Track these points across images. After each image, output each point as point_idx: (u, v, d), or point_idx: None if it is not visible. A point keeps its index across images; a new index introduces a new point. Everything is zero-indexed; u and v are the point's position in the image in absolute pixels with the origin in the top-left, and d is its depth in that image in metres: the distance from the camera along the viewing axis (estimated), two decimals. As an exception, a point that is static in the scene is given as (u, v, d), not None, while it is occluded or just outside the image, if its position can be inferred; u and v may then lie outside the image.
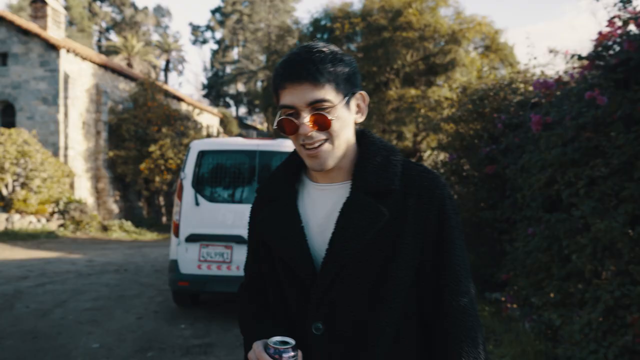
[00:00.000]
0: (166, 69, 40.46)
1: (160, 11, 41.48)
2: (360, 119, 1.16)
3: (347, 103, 1.11)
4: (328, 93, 1.07)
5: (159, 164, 16.06)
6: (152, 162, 16.03)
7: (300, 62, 1.07)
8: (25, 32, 15.02)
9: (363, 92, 1.15)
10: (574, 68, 4.36)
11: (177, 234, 5.19)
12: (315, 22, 18.12)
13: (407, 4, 16.37)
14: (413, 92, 16.41)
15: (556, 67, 7.60)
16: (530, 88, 5.61)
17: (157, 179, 16.25)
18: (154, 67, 34.26)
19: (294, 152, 1.23)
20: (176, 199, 5.34)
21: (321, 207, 1.16)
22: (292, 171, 1.24)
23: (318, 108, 1.07)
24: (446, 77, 15.88)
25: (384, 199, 1.09)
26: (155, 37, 40.82)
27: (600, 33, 3.84)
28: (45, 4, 16.25)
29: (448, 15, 17.02)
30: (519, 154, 4.84)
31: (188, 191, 5.22)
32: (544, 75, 5.50)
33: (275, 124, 1.12)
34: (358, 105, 1.15)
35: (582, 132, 3.70)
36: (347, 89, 1.10)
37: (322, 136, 1.08)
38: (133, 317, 5.32)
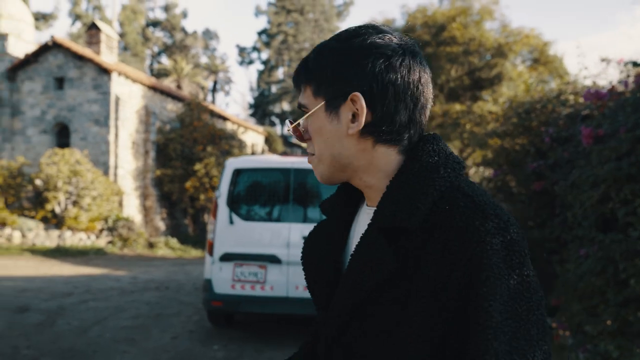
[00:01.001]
0: (214, 90, 41.58)
1: (208, 34, 42.81)
2: (355, 129, 0.85)
3: (332, 110, 0.86)
4: (306, 97, 0.89)
5: (204, 182, 16.35)
6: (197, 180, 16.34)
7: (298, 66, 0.93)
8: (80, 58, 15.76)
9: (358, 94, 0.83)
10: (627, 77, 4.05)
11: (211, 253, 5.15)
12: (358, 40, 18.13)
13: (451, 18, 16.13)
14: (458, 107, 16.05)
15: (609, 77, 7.18)
16: (581, 99, 5.28)
17: (202, 197, 16.53)
18: (202, 88, 35.24)
19: None
20: (211, 217, 5.31)
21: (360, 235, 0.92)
22: (354, 189, 1.00)
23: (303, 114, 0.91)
24: (492, 92, 15.45)
25: (402, 240, 0.80)
26: (203, 59, 42.12)
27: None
28: (99, 30, 17.04)
29: (494, 29, 16.65)
30: (568, 169, 4.53)
31: (222, 210, 5.19)
32: (595, 86, 5.17)
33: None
34: (355, 112, 0.85)
35: (639, 145, 3.39)
36: (331, 91, 0.85)
37: (310, 148, 0.92)
38: (169, 336, 5.29)
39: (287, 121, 0.94)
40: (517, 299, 0.73)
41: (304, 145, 0.95)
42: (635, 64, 3.69)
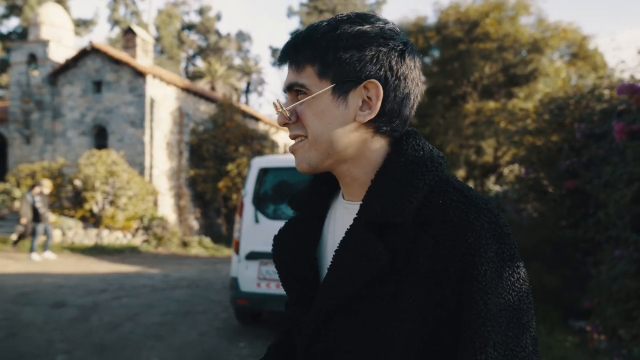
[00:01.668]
0: (247, 91, 42.07)
1: (241, 36, 43.34)
2: (366, 117, 0.83)
3: (340, 94, 0.82)
4: (306, 77, 0.83)
5: (236, 182, 16.55)
6: (230, 180, 16.56)
7: (290, 41, 0.86)
8: (117, 62, 16.20)
9: (375, 82, 0.82)
10: (665, 69, 3.86)
11: (237, 251, 5.20)
12: (389, 38, 17.94)
13: (485, 14, 15.80)
14: (492, 104, 15.70)
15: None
16: (616, 94, 5.06)
17: (235, 196, 16.73)
18: (236, 89, 35.69)
19: None
20: (237, 216, 5.36)
21: (342, 229, 0.88)
22: (328, 183, 0.98)
23: (297, 95, 0.86)
24: (528, 88, 15.03)
25: (389, 234, 0.79)
26: (237, 61, 42.66)
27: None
28: (135, 35, 17.48)
29: (529, 24, 16.20)
30: (602, 167, 4.36)
31: (248, 208, 5.22)
32: (633, 80, 4.95)
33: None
34: (365, 100, 0.83)
35: (676, 140, 3.23)
36: (342, 74, 0.82)
37: (299, 131, 0.86)
38: (196, 333, 5.36)
39: (275, 101, 0.86)
40: (510, 290, 0.75)
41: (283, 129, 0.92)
42: (672, 56, 3.50)
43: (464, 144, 16.64)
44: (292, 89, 0.85)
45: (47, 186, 11.00)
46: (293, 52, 0.85)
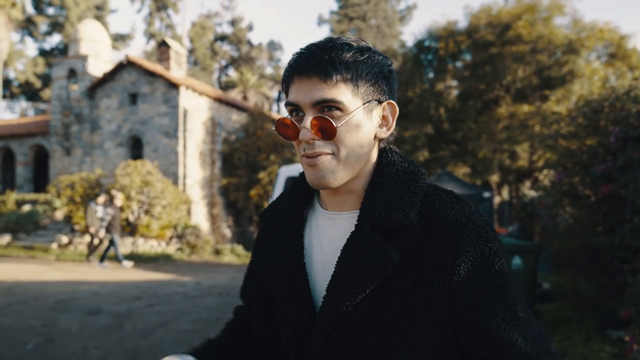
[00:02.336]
0: (278, 99, 42.52)
1: (273, 46, 43.88)
2: (385, 133, 0.93)
3: (368, 112, 0.89)
4: (342, 94, 0.85)
5: (267, 190, 16.70)
6: (261, 188, 16.72)
7: (314, 51, 0.87)
8: (151, 74, 16.65)
9: (393, 103, 0.93)
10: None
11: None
12: (419, 44, 17.86)
13: (517, 16, 15.52)
14: (526, 108, 15.38)
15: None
16: (654, 95, 4.88)
17: (266, 204, 16.87)
18: (267, 98, 36.09)
19: None
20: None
21: (328, 241, 0.94)
22: (303, 193, 1.02)
23: (326, 111, 0.86)
24: (564, 90, 14.64)
25: (395, 236, 0.86)
26: (268, 70, 43.19)
27: None
28: (169, 47, 17.94)
29: (564, 25, 15.82)
30: (638, 170, 4.19)
31: (275, 216, 5.26)
32: (671, 80, 4.76)
33: (273, 125, 0.93)
34: (384, 117, 0.93)
35: None
36: (371, 94, 0.89)
37: (326, 148, 0.87)
38: (225, 340, 5.41)
39: (308, 119, 0.86)
40: (506, 270, 0.86)
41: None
42: None
43: (497, 148, 16.33)
44: (321, 105, 0.86)
45: (120, 198, 11.58)
46: (324, 67, 0.85)
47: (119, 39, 37.52)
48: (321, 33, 57.77)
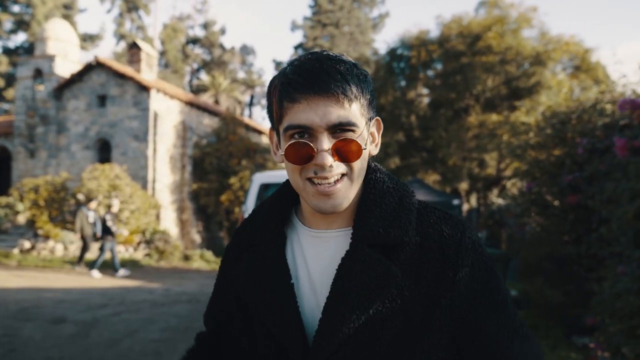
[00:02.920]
0: (250, 104, 42.28)
1: (245, 50, 43.67)
2: (374, 150, 0.92)
3: (368, 130, 0.89)
4: (354, 114, 0.83)
5: (239, 196, 16.54)
6: (232, 193, 16.55)
7: (325, 71, 0.81)
8: (121, 76, 16.33)
9: (379, 119, 0.93)
10: (666, 84, 3.84)
11: (237, 267, 5.17)
12: (392, 52, 18.06)
13: (487, 27, 15.87)
14: (495, 117, 15.73)
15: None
16: (618, 109, 5.04)
17: (237, 210, 16.71)
18: (239, 102, 35.85)
19: (285, 185, 0.99)
20: (237, 232, 5.34)
21: (315, 260, 0.90)
22: (280, 210, 0.97)
23: (338, 132, 0.82)
24: (530, 101, 15.04)
25: (394, 254, 0.84)
26: (241, 74, 42.95)
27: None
28: (140, 49, 17.63)
29: (532, 37, 16.26)
30: (605, 182, 4.32)
31: (248, 224, 5.20)
32: (635, 94, 4.93)
33: (282, 149, 0.85)
34: (372, 134, 0.92)
35: (678, 156, 3.19)
36: (369, 112, 0.89)
37: (341, 169, 0.84)
38: (195, 350, 5.31)
39: (325, 141, 0.82)
40: (502, 286, 0.88)
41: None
42: (673, 71, 3.49)
43: (467, 156, 16.62)
44: (337, 126, 0.82)
45: (116, 204, 11.39)
46: (341, 86, 0.81)
47: (88, 39, 36.68)
48: (295, 38, 57.95)
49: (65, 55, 17.43)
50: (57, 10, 32.72)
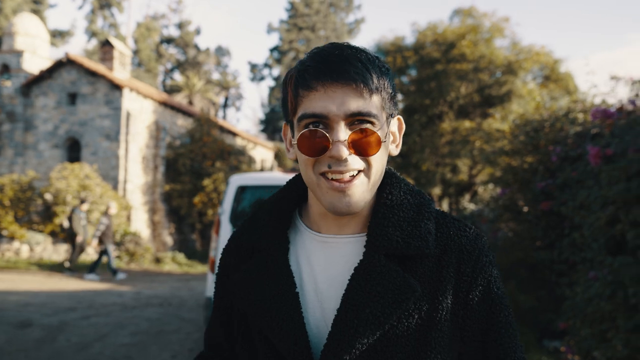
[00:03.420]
0: (225, 106, 41.93)
1: (221, 51, 43.32)
2: (395, 150, 0.88)
3: (388, 127, 0.83)
4: (375, 106, 0.78)
5: (212, 198, 16.36)
6: (205, 195, 16.35)
7: (346, 58, 0.76)
8: (93, 74, 15.96)
9: (401, 118, 0.87)
10: (636, 95, 3.96)
11: (213, 271, 5.09)
12: (368, 57, 18.15)
13: (461, 36, 16.13)
14: (468, 124, 15.97)
15: (618, 96, 7.07)
16: (590, 118, 5.19)
17: (210, 212, 16.52)
18: (214, 103, 35.52)
19: (289, 186, 0.92)
20: (213, 235, 5.26)
21: (322, 268, 0.84)
22: (283, 212, 0.90)
23: (356, 124, 0.77)
24: (502, 109, 15.36)
25: (413, 266, 0.79)
26: (215, 76, 42.58)
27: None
28: (113, 47, 17.28)
29: (504, 46, 16.61)
30: (577, 189, 4.42)
31: (225, 227, 5.13)
32: (605, 104, 5.07)
33: (295, 138, 0.78)
34: (392, 133, 0.86)
35: (648, 165, 3.29)
36: (390, 108, 0.83)
37: (358, 165, 0.78)
38: (167, 354, 5.20)
39: (341, 132, 0.76)
40: (507, 301, 0.86)
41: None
42: (644, 83, 3.60)
43: (440, 162, 16.83)
44: (355, 117, 0.77)
45: (114, 207, 11.20)
46: (362, 75, 0.76)
47: (58, 36, 35.81)
48: (270, 41, 57.74)
49: (34, 51, 16.94)
50: (26, 5, 31.84)
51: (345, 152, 0.75)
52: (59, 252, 13.28)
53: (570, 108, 5.67)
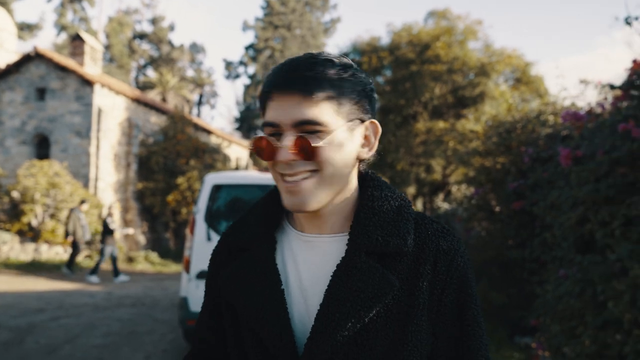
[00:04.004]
0: (199, 103, 41.46)
1: (195, 48, 42.81)
2: (367, 154, 0.90)
3: (351, 131, 0.85)
4: (324, 113, 0.81)
5: (186, 196, 16.16)
6: (179, 194, 16.14)
7: (295, 66, 0.82)
8: (63, 69, 15.57)
9: (375, 122, 0.89)
10: (605, 99, 4.08)
11: (188, 270, 5.03)
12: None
13: (436, 37, 16.33)
14: (442, 124, 16.18)
15: (587, 99, 7.27)
16: (560, 120, 5.32)
17: (184, 210, 16.32)
18: (188, 101, 35.09)
19: (276, 188, 0.97)
20: (188, 234, 5.20)
21: (306, 266, 0.89)
22: (271, 213, 0.95)
23: (307, 130, 0.81)
24: (475, 110, 15.61)
25: (392, 263, 0.84)
26: (189, 73, 42.06)
27: (635, 61, 3.57)
28: (84, 41, 16.89)
29: (477, 49, 16.88)
30: (548, 189, 4.53)
31: (200, 226, 5.08)
32: (574, 107, 5.21)
33: (250, 143, 0.86)
34: (366, 137, 0.89)
35: (617, 167, 3.39)
36: (354, 113, 0.85)
37: (307, 167, 0.82)
38: (141, 355, 5.12)
39: (287, 138, 0.81)
40: (479, 301, 0.91)
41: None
42: (612, 87, 3.71)
43: (414, 161, 17.01)
44: (302, 125, 0.81)
45: (116, 207, 11.16)
46: (306, 84, 0.81)
47: (26, 29, 34.80)
48: (246, 39, 57.37)
49: (1, 44, 16.46)
50: (-7, -3, 30.86)
51: (286, 155, 0.81)
52: (27, 252, 12.92)
53: (542, 110, 5.80)
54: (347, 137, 0.84)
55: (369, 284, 0.81)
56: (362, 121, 0.87)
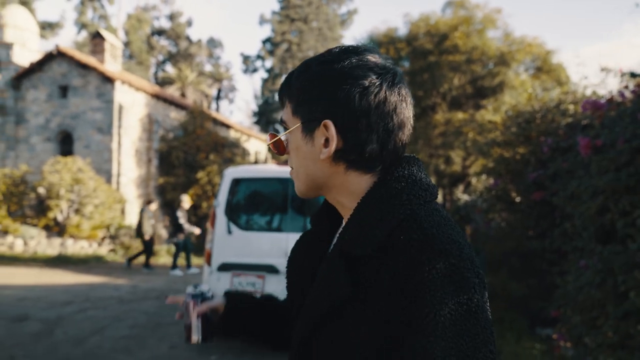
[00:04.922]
0: (218, 98, 41.75)
1: (213, 43, 43.05)
2: (325, 155, 0.85)
3: (307, 132, 0.86)
4: (286, 112, 0.92)
5: (206, 190, 16.35)
6: (200, 188, 16.34)
7: (289, 72, 0.94)
8: (84, 66, 15.85)
9: (329, 122, 0.83)
10: (626, 87, 4.02)
11: (209, 263, 5.14)
12: (361, 48, 18.12)
13: (454, 27, 16.13)
14: (461, 115, 16.03)
15: (608, 87, 7.13)
16: (581, 109, 5.25)
17: (205, 204, 16.53)
18: (206, 96, 35.35)
19: None
20: (209, 227, 5.30)
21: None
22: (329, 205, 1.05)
23: (284, 128, 0.93)
24: (495, 100, 15.42)
25: (358, 266, 0.80)
26: (208, 68, 42.34)
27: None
28: (104, 39, 17.15)
29: (496, 37, 16.63)
30: (568, 179, 4.50)
31: (221, 219, 5.17)
32: (595, 95, 5.14)
33: (267, 138, 1.00)
34: (327, 138, 0.85)
35: (637, 155, 3.36)
36: (309, 113, 0.85)
37: (290, 161, 0.95)
38: (166, 346, 5.25)
39: (269, 134, 0.96)
40: (463, 335, 0.71)
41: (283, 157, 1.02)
42: (633, 75, 3.66)
43: (434, 153, 16.91)
44: (281, 124, 0.94)
45: (186, 201, 11.57)
46: (280, 89, 0.92)
47: (48, 28, 35.41)
48: (263, 32, 57.43)
49: (24, 44, 16.78)
50: (15, -3, 31.43)
51: (271, 149, 0.96)
52: (53, 246, 13.26)
53: (561, 99, 5.73)
54: (301, 136, 0.88)
55: (326, 281, 0.83)
56: (320, 121, 0.85)
